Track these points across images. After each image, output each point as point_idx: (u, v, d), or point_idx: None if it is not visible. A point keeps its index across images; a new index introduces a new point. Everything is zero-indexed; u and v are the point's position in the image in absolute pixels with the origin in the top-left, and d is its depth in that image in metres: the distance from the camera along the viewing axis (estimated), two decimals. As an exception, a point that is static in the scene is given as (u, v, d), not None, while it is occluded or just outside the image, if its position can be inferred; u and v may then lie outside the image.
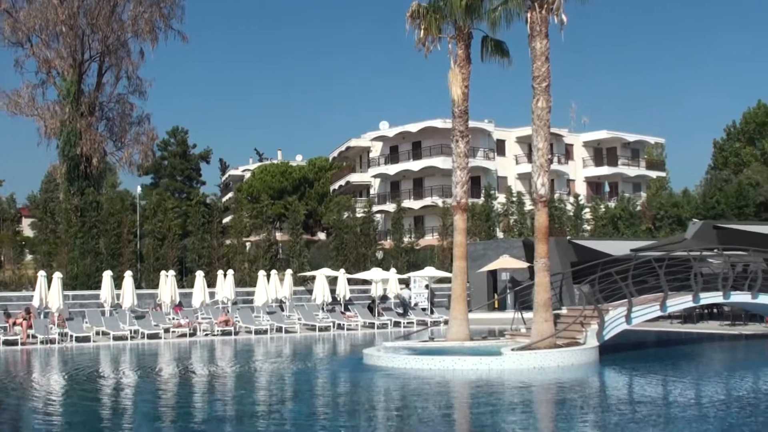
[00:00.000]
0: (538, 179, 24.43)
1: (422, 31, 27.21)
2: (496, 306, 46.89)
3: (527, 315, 29.24)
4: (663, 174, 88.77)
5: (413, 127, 77.87)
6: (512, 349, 22.86)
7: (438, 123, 75.51)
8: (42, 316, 35.32)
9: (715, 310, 38.70)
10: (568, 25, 24.57)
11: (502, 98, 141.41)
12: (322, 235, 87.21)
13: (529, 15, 24.54)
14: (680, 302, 27.86)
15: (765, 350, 28.65)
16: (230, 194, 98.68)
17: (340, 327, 40.17)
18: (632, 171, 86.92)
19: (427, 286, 47.72)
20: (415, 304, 46.70)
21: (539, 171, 24.41)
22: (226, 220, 63.42)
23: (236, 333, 37.04)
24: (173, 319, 38.40)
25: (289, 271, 44.09)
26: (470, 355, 22.67)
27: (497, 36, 27.61)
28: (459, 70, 27.09)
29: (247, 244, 54.45)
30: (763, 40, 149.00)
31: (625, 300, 26.15)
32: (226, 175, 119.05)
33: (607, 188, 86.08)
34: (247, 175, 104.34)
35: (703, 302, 29.06)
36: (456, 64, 27.21)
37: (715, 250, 31.61)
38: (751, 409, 15.81)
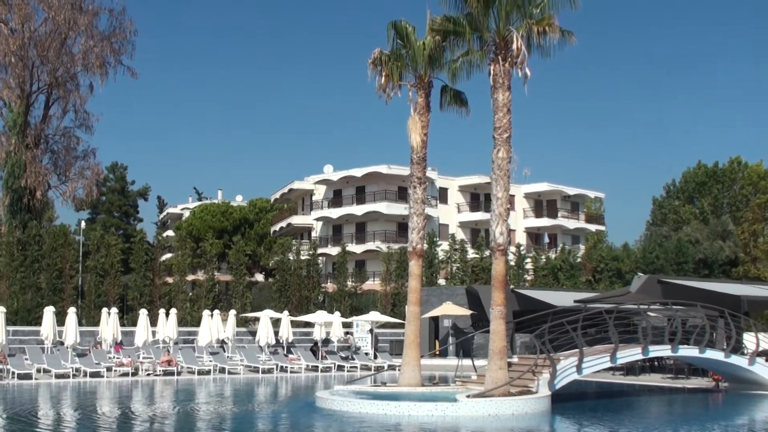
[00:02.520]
0: (496, 228, 24.66)
1: (383, 78, 27.51)
2: (437, 353, 47.05)
3: (478, 362, 29.44)
4: (602, 228, 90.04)
5: (358, 172, 78.13)
6: (467, 396, 22.96)
7: (383, 168, 75.95)
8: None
9: (656, 363, 39.24)
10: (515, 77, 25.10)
11: (444, 146, 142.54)
12: (260, 277, 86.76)
13: (492, 67, 24.91)
14: (630, 354, 28.27)
15: (709, 404, 29.09)
16: (168, 232, 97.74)
17: (283, 369, 39.91)
18: (571, 224, 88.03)
19: (370, 331, 47.74)
20: (358, 349, 46.67)
21: (498, 220, 24.65)
22: (164, 258, 62.85)
23: (179, 373, 36.61)
24: (114, 357, 37.83)
25: (232, 312, 43.80)
26: (425, 401, 22.65)
27: (457, 86, 28.10)
28: (419, 118, 27.41)
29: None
30: (702, 104, 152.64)
31: (575, 350, 26.47)
32: (164, 213, 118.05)
33: (546, 239, 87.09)
34: (186, 213, 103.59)
35: (651, 355, 29.54)
36: (416, 111, 27.53)
37: (669, 304, 32.08)
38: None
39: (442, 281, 62.17)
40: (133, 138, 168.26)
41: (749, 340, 32.52)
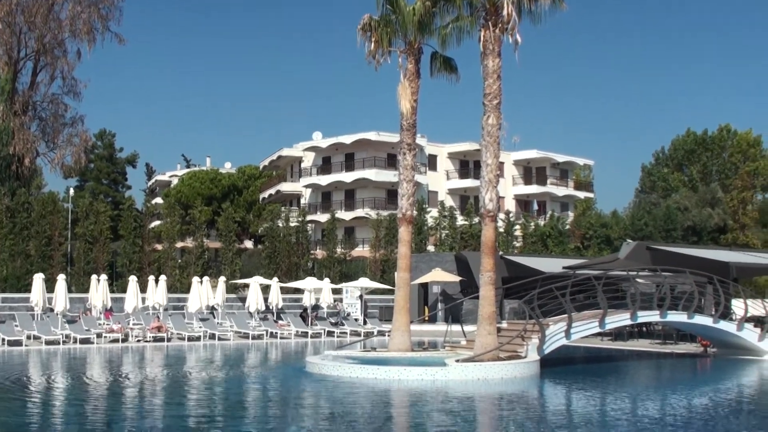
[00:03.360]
0: (486, 194, 24.73)
1: (373, 44, 27.43)
2: (426, 319, 47.20)
3: (467, 328, 29.57)
4: (591, 195, 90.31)
5: (347, 139, 78.00)
6: (457, 361, 23.09)
7: (372, 135, 75.86)
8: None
9: (644, 329, 39.44)
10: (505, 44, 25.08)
11: (434, 114, 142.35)
12: (249, 244, 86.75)
13: (482, 33, 24.88)
14: (618, 319, 28.45)
15: (697, 369, 29.31)
16: (157, 199, 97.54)
17: (273, 335, 39.98)
18: (560, 191, 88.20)
19: (360, 297, 47.85)
20: (348, 315, 46.78)
21: (487, 186, 24.71)
22: (153, 225, 62.81)
23: (169, 339, 36.65)
24: (104, 324, 37.84)
25: (222, 278, 43.83)
26: (415, 366, 22.79)
27: (447, 52, 28.04)
28: (408, 84, 27.36)
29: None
30: (692, 72, 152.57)
31: (564, 316, 26.62)
32: (153, 180, 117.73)
33: (535, 206, 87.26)
34: (174, 180, 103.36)
35: (640, 320, 29.73)
36: (405, 78, 27.46)
37: (657, 271, 32.20)
38: (684, 424, 16.21)
39: (431, 248, 62.28)
40: (121, 105, 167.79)
41: (738, 306, 32.75)
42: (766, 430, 15.24)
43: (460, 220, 64.75)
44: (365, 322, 45.25)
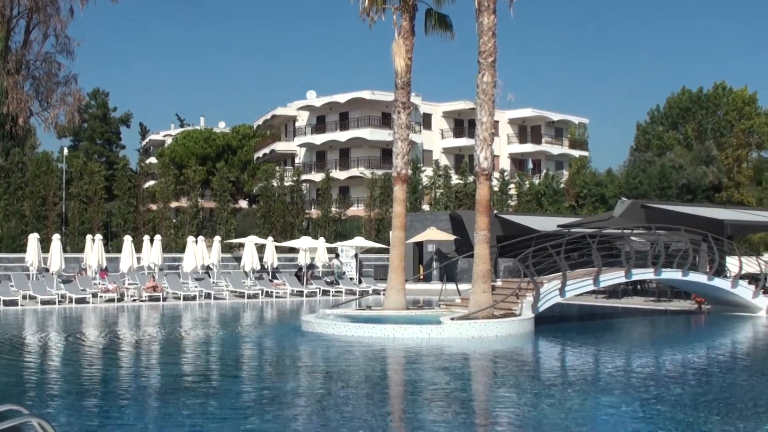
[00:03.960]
0: (480, 153, 24.67)
1: (367, 1, 27.21)
2: (421, 277, 47.29)
3: (462, 286, 29.64)
4: (585, 153, 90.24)
5: (341, 98, 77.77)
6: (451, 319, 23.16)
7: (366, 94, 75.63)
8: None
9: (639, 287, 39.60)
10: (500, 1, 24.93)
11: (429, 72, 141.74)
12: (244, 203, 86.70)
13: (477, -11, 24.69)
14: (613, 277, 28.55)
15: (691, 326, 29.46)
16: (151, 159, 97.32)
17: (268, 294, 40.07)
18: (555, 149, 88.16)
19: (355, 256, 47.90)
20: (343, 273, 46.87)
21: (482, 145, 24.65)
22: (147, 185, 62.66)
23: (164, 299, 36.71)
24: (99, 284, 37.86)
25: (217, 238, 43.79)
26: (410, 324, 22.85)
27: (442, 9, 27.85)
28: (403, 42, 27.17)
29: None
30: (688, 29, 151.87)
31: (558, 274, 26.69)
32: (147, 140, 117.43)
33: (530, 165, 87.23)
34: (168, 140, 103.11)
35: (634, 278, 29.82)
36: (400, 35, 27.25)
37: (652, 228, 32.21)
38: (679, 379, 16.30)
39: (426, 207, 62.31)
40: (114, 64, 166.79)
41: (732, 263, 32.85)
42: (760, 385, 15.32)
43: (455, 179, 64.72)
44: (360, 281, 45.33)
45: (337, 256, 48.38)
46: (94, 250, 38.42)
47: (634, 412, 12.63)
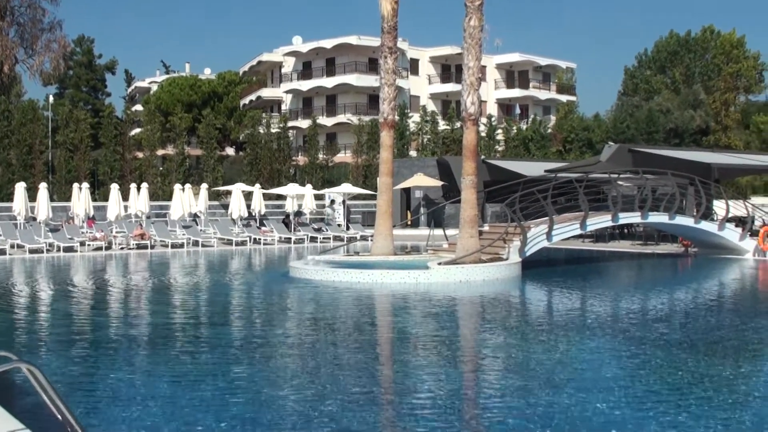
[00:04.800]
0: (467, 98, 24.57)
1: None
2: (409, 223, 47.34)
3: (449, 232, 29.68)
4: (573, 98, 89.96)
5: (327, 44, 77.22)
6: (439, 264, 23.23)
7: (353, 40, 75.09)
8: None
9: (626, 231, 39.74)
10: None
11: (415, 17, 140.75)
12: (231, 151, 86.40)
13: (464, -70, 24.42)
14: (600, 221, 28.61)
15: (678, 268, 29.63)
16: (137, 107, 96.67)
17: (256, 242, 40.14)
18: (543, 94, 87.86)
19: (343, 203, 47.87)
20: (331, 220, 46.91)
21: (469, 89, 24.54)
22: (133, 132, 62.34)
23: (152, 247, 36.71)
24: (86, 232, 37.80)
25: (204, 186, 43.66)
26: (398, 269, 22.90)
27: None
28: (389, -15, 26.90)
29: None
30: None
31: (545, 218, 26.75)
32: (132, 87, 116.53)
33: (517, 110, 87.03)
34: (154, 87, 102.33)
35: (621, 222, 29.92)
36: (386, -21, 26.99)
37: (639, 173, 32.24)
38: (665, 320, 16.41)
39: (413, 153, 62.27)
40: (99, 10, 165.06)
41: (719, 206, 32.99)
42: (745, 326, 15.44)
43: (442, 125, 64.59)
44: (348, 228, 45.36)
45: (332, 202, 48.36)
46: (81, 198, 38.32)
47: (620, 352, 12.73)
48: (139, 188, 40.45)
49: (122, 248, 36.16)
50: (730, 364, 11.77)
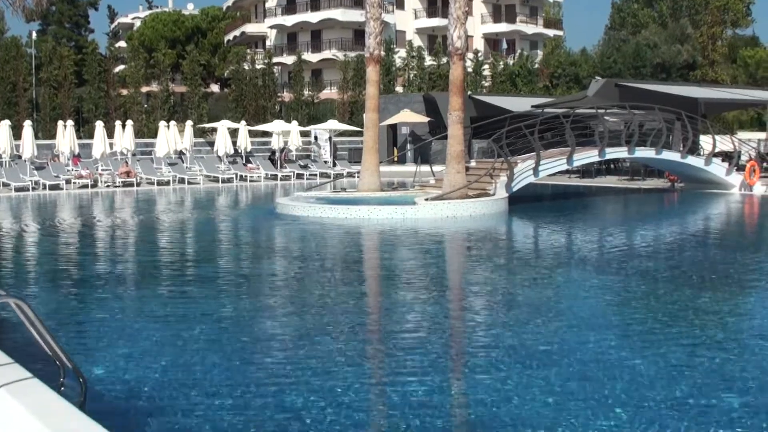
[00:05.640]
0: (454, 32, 24.36)
1: None
2: (395, 160, 47.22)
3: (436, 168, 29.64)
4: (560, 33, 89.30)
5: (312, -22, 76.39)
6: (426, 199, 23.22)
7: (338, -27, 74.26)
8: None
9: (612, 166, 39.79)
10: None
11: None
12: (215, 88, 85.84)
13: None
14: (586, 156, 28.59)
15: (664, 203, 29.74)
16: (120, 43, 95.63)
17: (242, 179, 40.04)
18: (530, 29, 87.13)
19: (329, 139, 47.65)
20: (318, 156, 46.75)
21: (455, 23, 24.32)
22: (117, 69, 61.85)
23: (138, 184, 36.58)
24: (72, 170, 37.59)
25: (189, 123, 43.37)
26: (385, 205, 22.89)
27: None
28: None
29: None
30: None
31: (532, 154, 26.71)
32: (115, 23, 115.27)
33: (504, 45, 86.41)
34: (137, 23, 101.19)
35: (608, 157, 29.94)
36: None
37: (626, 107, 32.15)
38: (651, 254, 16.51)
39: (399, 89, 61.90)
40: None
41: (706, 141, 33.01)
42: (730, 259, 15.55)
43: (429, 61, 64.20)
44: (334, 164, 45.22)
45: (316, 139, 48.13)
46: (66, 136, 38.06)
47: (607, 285, 12.79)
48: (124, 126, 40.13)
49: (108, 186, 36.03)
50: (717, 296, 11.84)
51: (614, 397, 7.10)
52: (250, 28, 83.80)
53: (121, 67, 67.60)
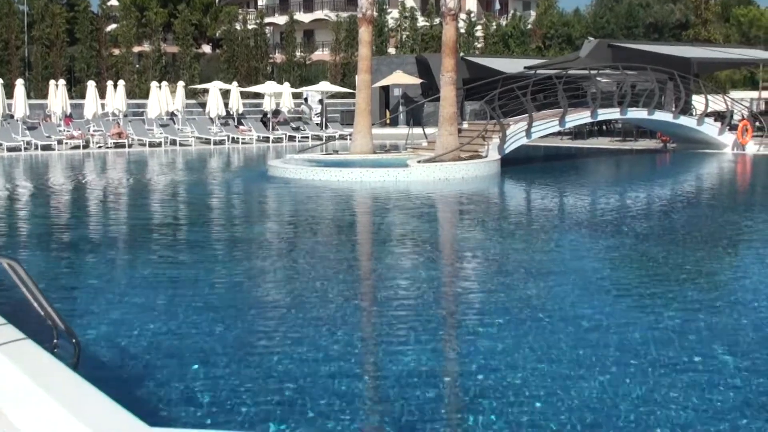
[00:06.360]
0: (446, -8, 24.25)
1: None
2: (387, 122, 47.11)
3: (429, 130, 29.60)
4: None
5: (304, -64, 75.72)
6: (418, 161, 23.21)
7: (330, -67, 73.61)
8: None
9: (604, 127, 39.79)
10: None
11: None
12: (207, 48, 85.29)
13: None
14: (579, 117, 28.62)
15: (656, 163, 29.80)
16: (112, 1, 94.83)
17: (234, 141, 39.93)
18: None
19: (321, 101, 47.47)
20: (310, 119, 46.59)
21: (449, -17, 24.20)
22: (109, 28, 61.42)
23: (129, 145, 36.48)
24: (64, 130, 37.44)
25: (181, 83, 43.14)
26: (377, 167, 22.89)
27: None
28: None
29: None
30: None
31: (525, 115, 26.69)
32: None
33: (497, 6, 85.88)
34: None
35: (600, 118, 29.95)
36: None
37: (618, 68, 32.09)
38: (644, 214, 16.57)
39: (392, 50, 61.61)
40: None
41: (698, 101, 33.03)
42: (722, 218, 15.63)
43: (421, 22, 63.84)
44: (326, 126, 45.07)
45: (306, 101, 47.95)
46: (57, 95, 37.86)
47: (600, 246, 12.84)
48: (115, 86, 39.92)
49: (100, 147, 35.93)
50: (709, 255, 11.91)
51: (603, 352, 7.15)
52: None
53: (113, 26, 67.24)
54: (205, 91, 45.39)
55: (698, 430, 5.64)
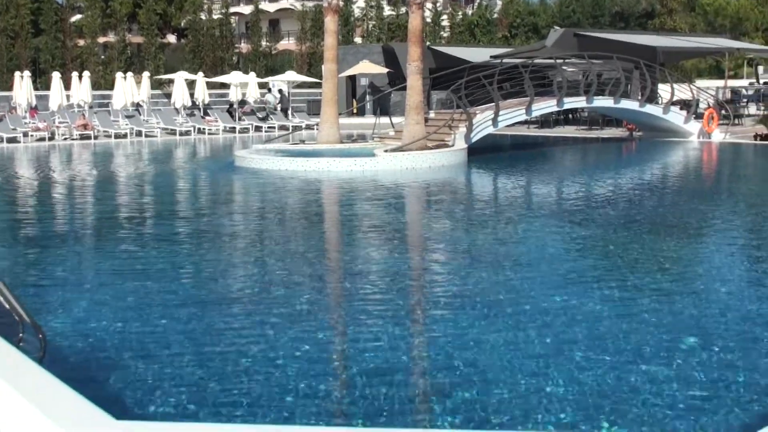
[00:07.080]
0: (412, -19, 24.25)
1: None
2: (354, 111, 47.07)
3: (395, 120, 29.63)
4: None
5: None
6: (385, 151, 23.23)
7: None
8: None
9: (570, 116, 39.97)
10: None
11: None
12: (172, 38, 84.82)
13: None
14: (545, 106, 28.74)
15: (622, 151, 30.00)
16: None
17: (200, 131, 39.76)
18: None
19: (280, 91, 47.26)
20: (275, 109, 46.42)
21: (414, -28, 24.20)
22: (74, 19, 60.92)
23: (95, 137, 36.22)
24: (29, 122, 37.13)
25: (146, 74, 42.88)
26: (344, 157, 22.88)
27: None
28: None
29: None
30: None
31: (491, 104, 26.77)
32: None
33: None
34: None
35: (567, 107, 30.09)
36: None
37: (584, 57, 32.22)
38: (610, 201, 16.67)
39: (358, 39, 61.58)
40: None
41: (664, 90, 33.27)
42: (688, 205, 15.77)
43: (387, 11, 63.84)
44: (293, 116, 44.94)
45: (269, 91, 47.78)
46: (22, 87, 37.53)
47: (565, 233, 12.91)
48: (80, 77, 39.63)
49: (65, 139, 35.68)
50: (676, 243, 12.00)
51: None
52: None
53: (78, 16, 66.69)
54: (171, 81, 45.16)
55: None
